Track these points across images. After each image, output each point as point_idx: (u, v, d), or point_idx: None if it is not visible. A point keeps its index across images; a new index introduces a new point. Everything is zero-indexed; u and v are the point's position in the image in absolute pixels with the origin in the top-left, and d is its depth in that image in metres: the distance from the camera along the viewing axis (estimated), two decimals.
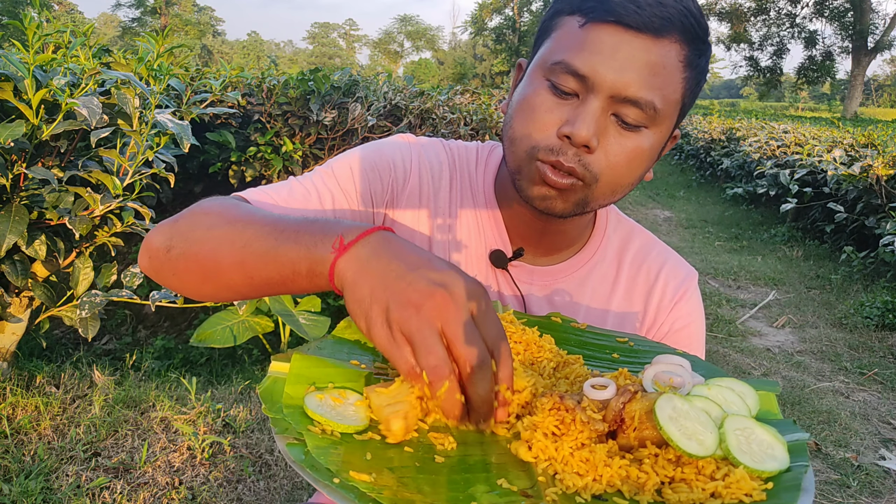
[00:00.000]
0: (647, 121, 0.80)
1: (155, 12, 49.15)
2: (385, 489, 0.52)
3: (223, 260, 0.73)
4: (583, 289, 0.99)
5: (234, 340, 2.93)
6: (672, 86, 0.80)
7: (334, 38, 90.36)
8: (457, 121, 4.51)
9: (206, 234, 0.75)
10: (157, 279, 0.83)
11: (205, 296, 0.82)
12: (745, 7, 40.21)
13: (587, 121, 0.78)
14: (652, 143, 0.83)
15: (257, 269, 0.71)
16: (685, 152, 15.23)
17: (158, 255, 0.79)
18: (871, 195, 5.85)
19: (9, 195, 2.13)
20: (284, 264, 0.69)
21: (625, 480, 0.56)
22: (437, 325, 0.59)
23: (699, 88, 0.86)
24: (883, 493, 2.63)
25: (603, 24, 0.78)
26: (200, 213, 0.80)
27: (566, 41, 0.81)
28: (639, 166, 0.84)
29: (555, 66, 0.80)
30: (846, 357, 4.12)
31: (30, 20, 1.90)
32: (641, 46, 0.77)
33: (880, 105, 71.43)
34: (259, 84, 3.52)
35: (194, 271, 0.77)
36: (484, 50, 60.45)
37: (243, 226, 0.74)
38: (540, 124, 0.81)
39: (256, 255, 0.70)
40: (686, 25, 0.79)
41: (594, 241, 1.01)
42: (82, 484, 2.08)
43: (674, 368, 0.69)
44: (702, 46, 0.82)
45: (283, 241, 0.69)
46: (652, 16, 0.76)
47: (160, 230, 0.81)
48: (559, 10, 0.84)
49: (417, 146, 0.99)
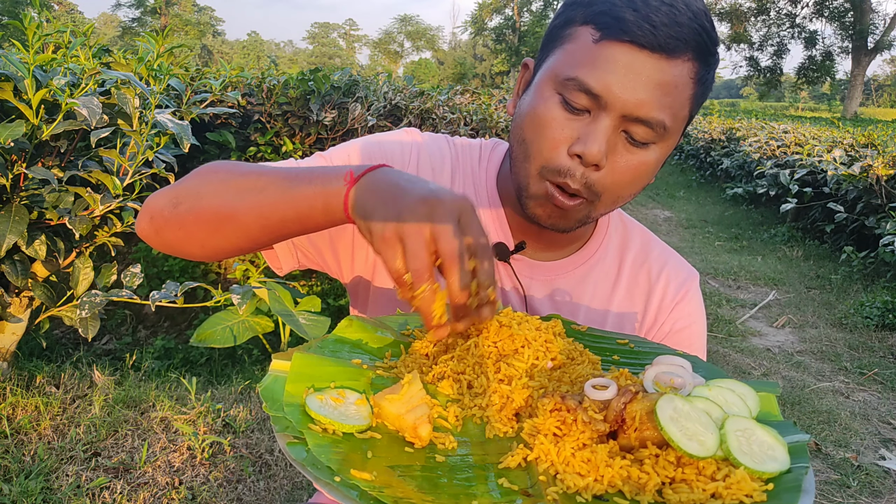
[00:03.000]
0: (656, 137, 0.81)
1: (155, 12, 49.14)
2: (386, 488, 0.52)
3: (239, 206, 0.78)
4: (584, 286, 0.99)
5: (234, 340, 2.93)
6: (681, 102, 0.81)
7: (334, 38, 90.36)
8: (457, 121, 4.50)
9: (219, 187, 0.80)
10: (157, 238, 0.85)
11: (209, 248, 0.83)
12: (745, 7, 40.22)
13: (599, 140, 0.78)
14: (658, 157, 0.84)
15: (274, 210, 0.76)
16: (685, 152, 15.23)
17: (163, 213, 0.82)
18: (871, 195, 5.85)
19: (9, 195, 2.13)
20: (300, 202, 0.74)
21: (626, 481, 0.56)
22: (427, 231, 0.65)
23: (705, 99, 0.86)
24: (883, 493, 2.63)
25: (617, 43, 0.77)
26: (207, 171, 0.83)
27: (579, 56, 0.80)
28: (643, 180, 0.86)
29: (567, 82, 0.79)
30: (846, 357, 4.12)
31: (30, 20, 1.90)
32: (655, 66, 0.77)
33: (880, 105, 71.42)
34: (259, 84, 3.52)
35: (205, 222, 0.80)
36: (484, 50, 60.48)
37: (256, 176, 0.79)
38: (551, 142, 0.81)
39: (273, 198, 0.76)
40: (700, 43, 0.78)
41: (596, 238, 1.02)
42: (82, 484, 2.08)
43: (675, 369, 0.69)
44: (711, 60, 0.82)
45: (297, 183, 0.75)
46: (667, 36, 0.76)
47: (162, 194, 0.84)
48: (571, 18, 0.82)
49: (420, 140, 1.00)
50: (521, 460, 0.59)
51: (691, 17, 0.77)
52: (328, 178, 0.73)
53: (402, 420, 0.61)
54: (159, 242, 0.86)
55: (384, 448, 0.59)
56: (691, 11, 0.78)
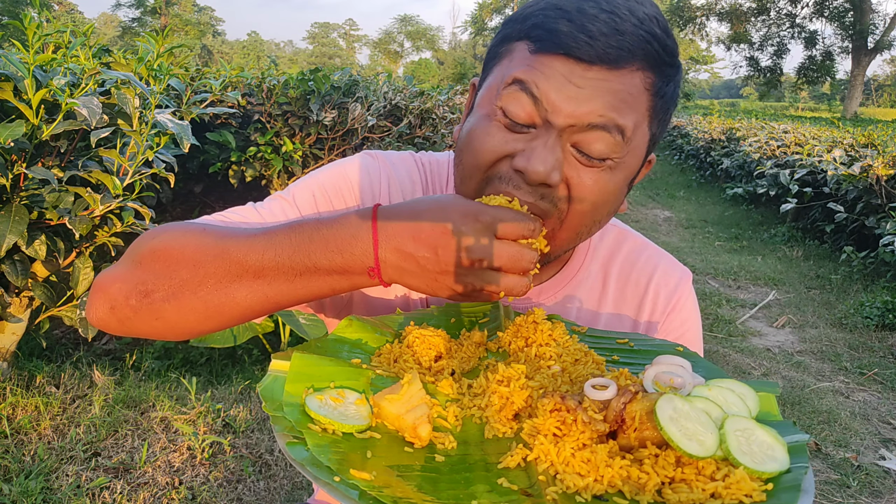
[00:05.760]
0: (613, 149, 0.72)
1: (155, 12, 49.14)
2: (386, 488, 0.52)
3: (237, 294, 0.71)
4: (568, 308, 0.94)
5: (234, 340, 2.93)
6: (639, 114, 0.72)
7: (334, 38, 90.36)
8: (457, 121, 4.50)
9: (200, 271, 0.70)
10: (123, 328, 0.74)
11: (195, 333, 0.76)
12: (746, 7, 40.22)
13: (542, 155, 0.70)
14: (620, 178, 0.75)
15: (286, 299, 0.72)
16: (685, 152, 15.23)
17: (128, 302, 0.72)
18: (871, 195, 5.85)
19: (9, 195, 2.13)
20: (319, 289, 0.71)
21: (625, 481, 0.56)
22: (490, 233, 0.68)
23: (668, 115, 0.78)
24: (883, 493, 2.63)
25: (553, 56, 0.70)
26: (169, 248, 0.73)
27: (518, 63, 0.73)
28: (606, 202, 0.76)
29: (508, 88, 0.72)
30: (846, 357, 4.11)
31: (30, 20, 1.90)
32: (598, 77, 0.69)
33: (880, 105, 71.40)
34: (259, 84, 3.52)
35: (193, 312, 0.71)
36: (484, 50, 60.29)
37: (244, 252, 0.70)
38: (491, 154, 0.73)
39: (282, 288, 0.71)
40: (649, 52, 0.70)
41: (577, 256, 0.95)
42: (82, 484, 2.08)
43: (674, 369, 0.69)
44: (669, 71, 0.74)
45: (310, 275, 0.71)
46: (607, 46, 0.68)
47: (120, 277, 0.74)
48: (507, 35, 0.77)
49: (387, 164, 0.93)
50: (520, 460, 0.59)
51: (636, 24, 0.69)
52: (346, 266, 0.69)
53: (402, 420, 0.61)
54: (125, 331, 0.75)
55: (384, 448, 0.59)
56: (636, 18, 0.70)
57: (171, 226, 0.76)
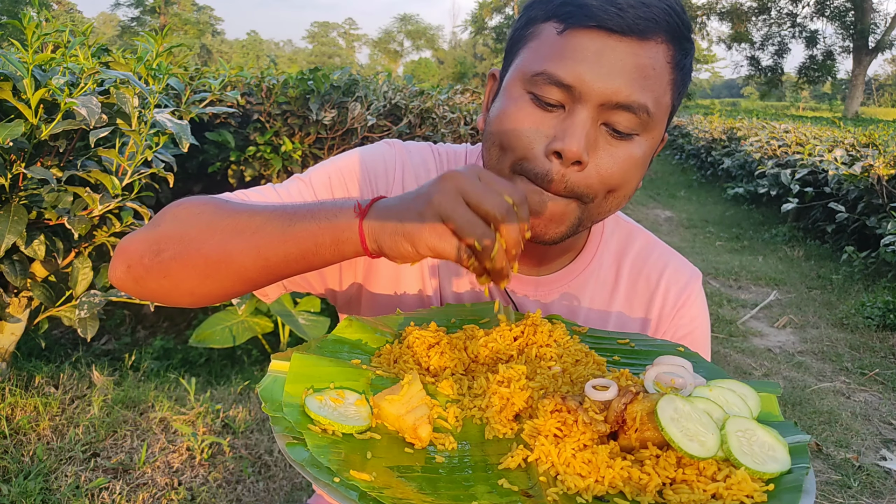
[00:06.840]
0: (640, 126, 0.76)
1: (154, 11, 49.15)
2: (386, 488, 0.52)
3: (235, 248, 0.72)
4: (580, 298, 0.95)
5: (233, 341, 2.93)
6: (662, 88, 0.76)
7: (334, 37, 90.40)
8: (457, 120, 4.50)
9: (207, 229, 0.74)
10: (137, 288, 0.79)
11: (199, 295, 0.78)
12: (746, 6, 40.23)
13: (577, 134, 0.73)
14: (644, 149, 0.78)
15: (275, 250, 0.71)
16: (686, 152, 15.23)
17: (142, 261, 0.76)
18: (872, 195, 5.85)
19: (8, 195, 2.12)
20: (304, 239, 0.70)
21: (626, 481, 0.56)
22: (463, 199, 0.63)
23: (685, 89, 0.82)
24: (884, 494, 2.63)
25: (584, 30, 0.73)
26: (188, 213, 0.77)
27: (545, 50, 0.75)
28: (633, 176, 0.79)
29: (536, 78, 0.75)
30: (847, 357, 4.11)
31: (29, 19, 1.90)
32: (627, 50, 0.73)
33: (881, 105, 71.42)
34: (258, 83, 3.52)
35: (195, 268, 0.74)
36: (484, 49, 60.46)
37: (248, 215, 0.74)
38: (526, 141, 0.76)
39: (273, 237, 0.71)
40: (672, 25, 0.75)
41: (590, 246, 0.97)
42: (81, 484, 2.08)
43: (675, 370, 0.68)
44: (686, 45, 0.78)
45: (298, 220, 0.71)
46: (636, 17, 0.72)
47: (138, 239, 0.78)
48: (533, 17, 0.79)
49: (403, 152, 0.95)
50: (521, 461, 0.59)
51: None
52: (333, 212, 0.69)
53: (402, 421, 0.61)
54: (139, 291, 0.80)
55: (384, 449, 0.59)
56: None
57: (194, 197, 0.81)
